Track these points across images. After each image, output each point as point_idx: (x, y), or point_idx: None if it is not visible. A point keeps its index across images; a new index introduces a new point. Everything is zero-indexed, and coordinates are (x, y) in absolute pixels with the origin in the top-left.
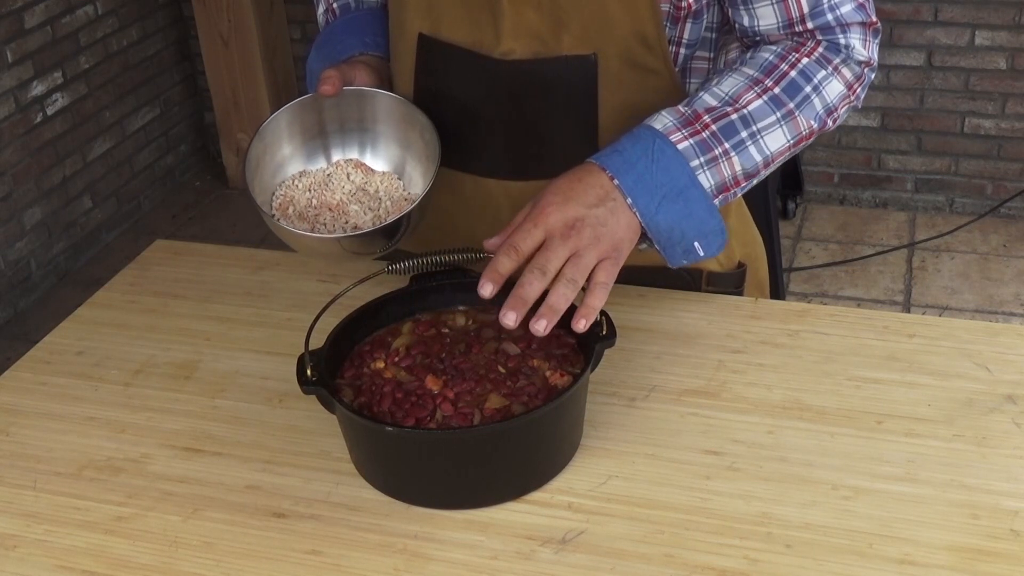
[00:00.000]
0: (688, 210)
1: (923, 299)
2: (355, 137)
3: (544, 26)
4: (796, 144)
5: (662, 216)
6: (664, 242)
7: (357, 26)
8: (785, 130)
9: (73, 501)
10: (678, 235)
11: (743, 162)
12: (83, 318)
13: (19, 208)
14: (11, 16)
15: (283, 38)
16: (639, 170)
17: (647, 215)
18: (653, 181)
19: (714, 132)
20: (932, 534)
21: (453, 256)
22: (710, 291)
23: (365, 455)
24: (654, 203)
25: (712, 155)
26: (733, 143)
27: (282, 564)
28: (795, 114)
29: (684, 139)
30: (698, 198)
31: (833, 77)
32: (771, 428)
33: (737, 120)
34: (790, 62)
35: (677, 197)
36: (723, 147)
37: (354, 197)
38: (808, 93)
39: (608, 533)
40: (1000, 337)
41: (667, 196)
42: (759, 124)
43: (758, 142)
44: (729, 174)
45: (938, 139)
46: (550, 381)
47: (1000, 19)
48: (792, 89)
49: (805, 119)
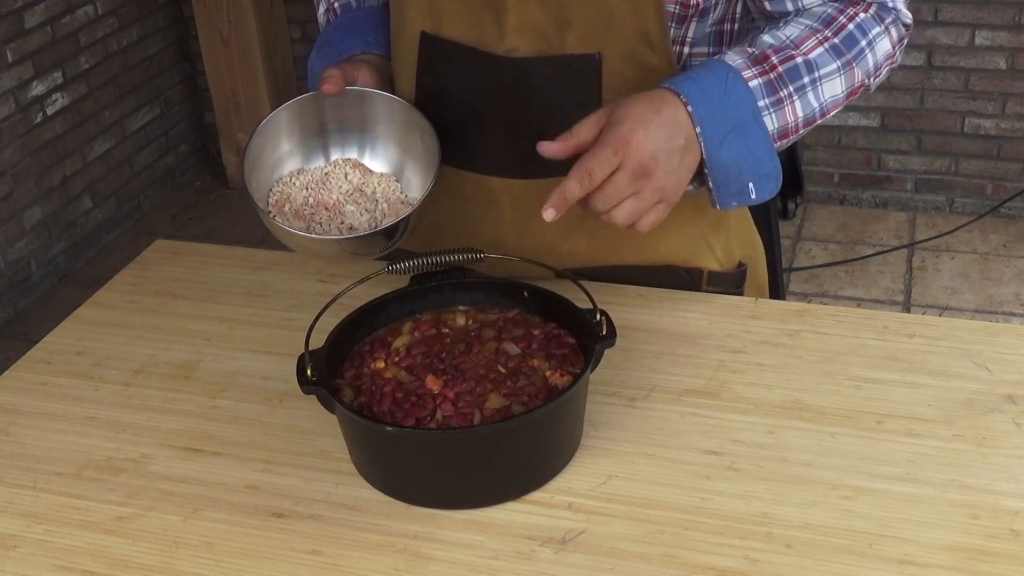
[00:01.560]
0: (748, 147)
1: (923, 299)
2: (355, 138)
3: (548, 24)
4: (849, 95)
5: (725, 150)
6: (720, 179)
7: (359, 25)
8: (843, 79)
9: (73, 501)
10: (735, 172)
11: (803, 107)
12: (83, 318)
13: (19, 208)
14: (11, 16)
15: (283, 38)
16: (712, 100)
17: (712, 147)
18: (724, 113)
19: (780, 74)
20: (932, 534)
21: (453, 256)
22: (711, 291)
23: (365, 455)
24: (719, 135)
25: (778, 97)
26: (796, 87)
27: (282, 564)
28: (853, 65)
29: (755, 76)
30: (760, 137)
31: (884, 35)
32: (771, 428)
33: (801, 64)
34: (848, 15)
35: (743, 133)
36: (788, 90)
37: (351, 197)
38: (863, 47)
39: (608, 533)
40: (1000, 337)
41: (733, 130)
42: (821, 71)
43: (817, 89)
44: (792, 118)
45: (938, 139)
46: (550, 381)
47: (1000, 19)
48: (850, 41)
49: (861, 71)
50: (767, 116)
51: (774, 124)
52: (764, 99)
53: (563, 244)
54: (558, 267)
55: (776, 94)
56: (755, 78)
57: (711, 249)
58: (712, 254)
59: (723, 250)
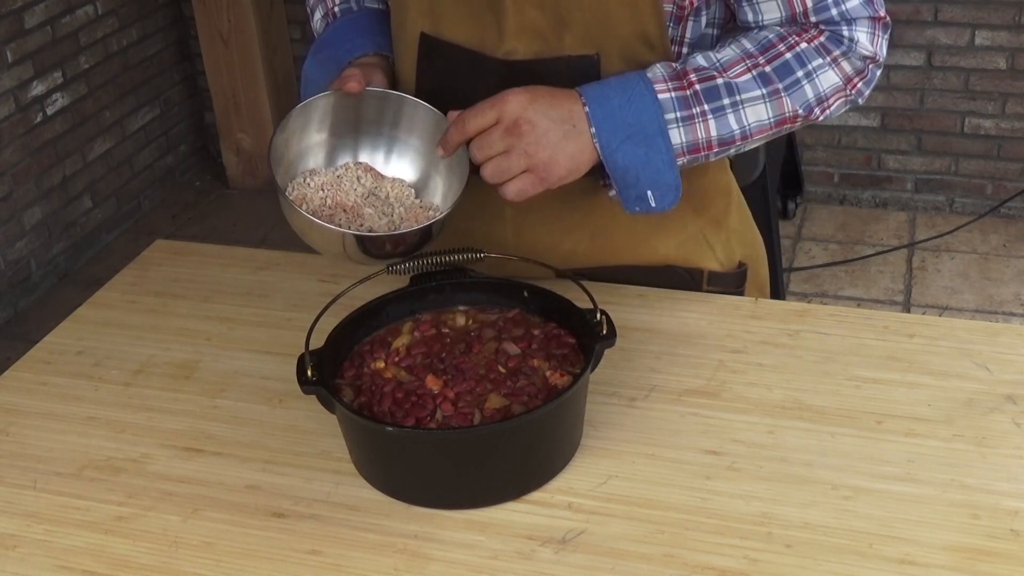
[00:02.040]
0: (648, 157)
1: (923, 299)
2: (384, 142)
3: (547, 25)
4: (778, 125)
5: (621, 155)
6: (620, 182)
7: (364, 26)
8: (768, 107)
9: (73, 501)
10: (632, 178)
11: (719, 128)
12: (83, 318)
13: (19, 208)
14: (11, 16)
15: (283, 38)
16: (612, 105)
17: (607, 149)
18: (622, 119)
19: (697, 92)
20: (932, 534)
21: (453, 256)
22: (711, 291)
23: (365, 455)
24: (616, 140)
25: (689, 113)
26: (713, 107)
27: (282, 564)
28: (781, 95)
29: (667, 91)
30: (661, 149)
31: (830, 68)
32: (771, 428)
33: (722, 85)
34: (788, 44)
35: (641, 142)
36: (702, 108)
37: (367, 200)
38: (799, 78)
39: (608, 533)
40: (1000, 337)
41: (631, 137)
42: (743, 95)
43: (739, 112)
44: (703, 136)
45: (938, 139)
46: (550, 381)
47: (1000, 19)
48: (783, 70)
49: (791, 102)
50: (675, 129)
51: (682, 138)
52: (675, 112)
53: (563, 244)
54: (558, 267)
55: (688, 110)
56: (668, 92)
57: (711, 249)
58: (712, 254)
59: (723, 250)
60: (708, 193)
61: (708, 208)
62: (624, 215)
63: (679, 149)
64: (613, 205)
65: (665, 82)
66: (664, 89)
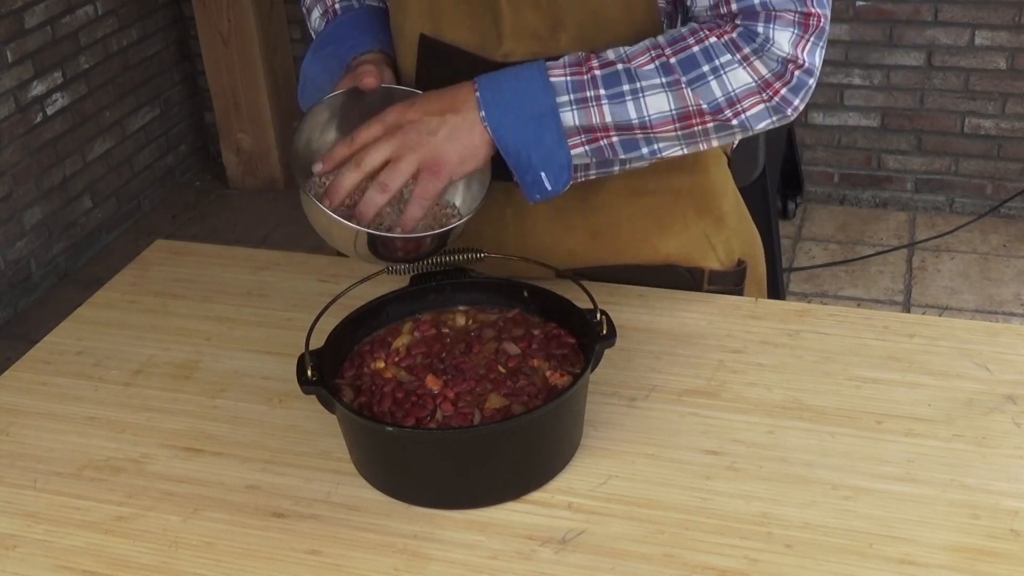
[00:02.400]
0: (538, 137)
1: (923, 299)
2: None
3: (543, 26)
4: (683, 120)
5: (511, 136)
6: (515, 167)
7: (367, 23)
8: (670, 98)
9: (73, 501)
10: (525, 160)
11: (615, 113)
12: (83, 318)
13: (19, 208)
14: (11, 16)
15: (283, 38)
16: (502, 87)
17: (498, 131)
18: (512, 101)
19: (595, 77)
20: (932, 534)
21: (453, 256)
22: (712, 290)
23: (365, 455)
24: (507, 120)
25: (583, 96)
26: (611, 93)
27: (282, 564)
28: (682, 86)
29: (562, 75)
30: (551, 128)
31: (740, 66)
32: (771, 428)
33: (622, 71)
34: (698, 38)
35: (530, 121)
36: (597, 92)
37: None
38: (704, 72)
39: (608, 533)
40: (1000, 337)
41: (520, 117)
42: (643, 83)
43: (638, 100)
44: (598, 120)
45: (938, 139)
46: (550, 381)
47: (1000, 19)
48: (688, 63)
49: (694, 96)
50: (567, 111)
51: (575, 121)
52: (568, 95)
53: (564, 243)
54: (559, 267)
55: (582, 92)
56: (563, 76)
57: (713, 248)
58: (714, 253)
59: (724, 249)
60: (710, 192)
61: (711, 208)
62: (623, 213)
63: (573, 131)
64: (613, 204)
65: (563, 67)
66: (560, 73)
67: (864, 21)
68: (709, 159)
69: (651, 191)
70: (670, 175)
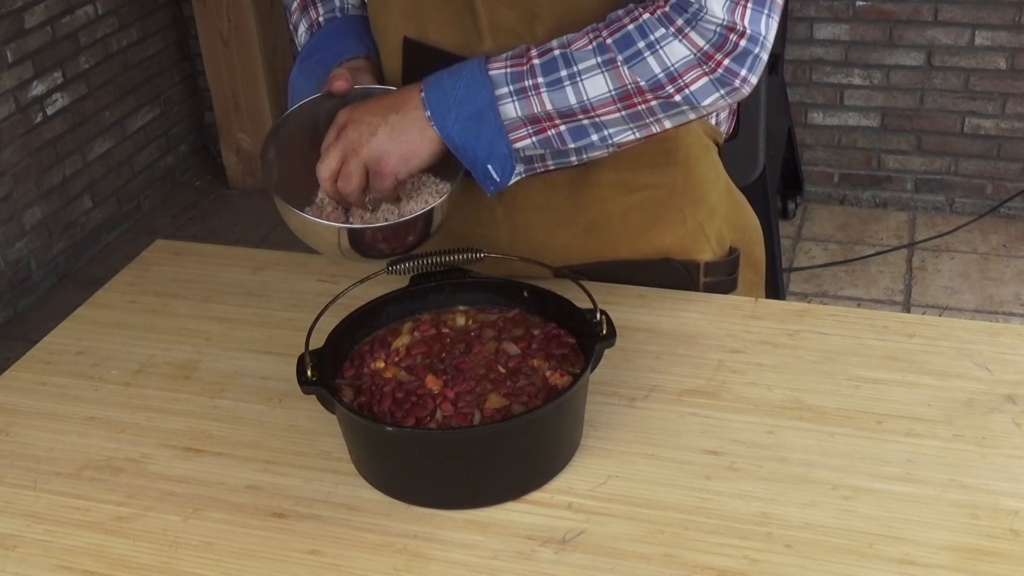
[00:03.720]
0: (479, 130)
1: (923, 299)
2: None
3: (519, 22)
4: (623, 99)
5: (456, 132)
6: (465, 159)
7: (352, 30)
8: (607, 79)
9: (73, 501)
10: (471, 155)
11: (555, 100)
12: (83, 318)
13: (19, 208)
14: (11, 16)
15: (283, 38)
16: (444, 85)
17: (443, 128)
18: (453, 97)
19: (533, 66)
20: (932, 534)
21: (453, 256)
22: (707, 282)
23: (365, 455)
24: (450, 117)
25: (522, 86)
26: (549, 80)
27: (282, 564)
28: (618, 65)
29: (501, 68)
30: (491, 121)
31: (675, 39)
32: (771, 428)
33: (559, 57)
34: (632, 16)
35: (472, 116)
36: (535, 81)
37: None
38: (640, 49)
39: (608, 533)
40: (1000, 337)
41: (462, 113)
42: (580, 66)
43: (576, 84)
44: (540, 109)
45: (938, 139)
46: (550, 381)
47: (1000, 19)
48: (624, 41)
49: (632, 75)
50: (508, 103)
51: (518, 112)
52: (507, 86)
53: (557, 239)
54: (555, 264)
55: (521, 82)
56: (500, 68)
57: (707, 239)
58: (708, 244)
59: (716, 238)
60: (702, 184)
61: (706, 199)
62: (615, 208)
63: (517, 123)
64: (605, 199)
65: (503, 60)
66: (499, 66)
67: (864, 21)
68: (697, 150)
69: (643, 185)
70: (660, 169)
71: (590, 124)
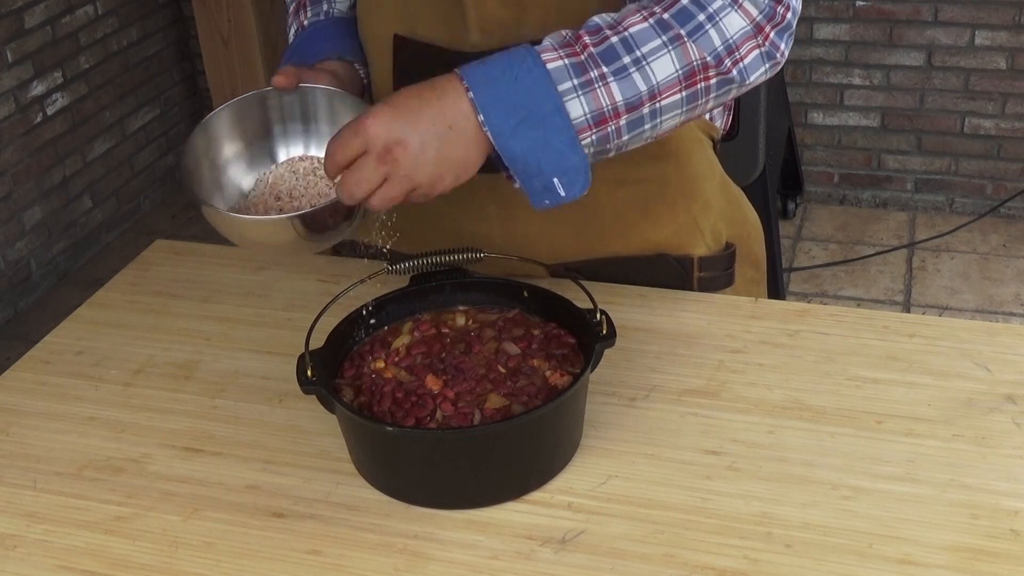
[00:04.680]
0: (546, 139)
1: (923, 299)
2: (299, 136)
3: (506, 15)
4: (689, 78)
5: (516, 141)
6: (521, 173)
7: (332, 32)
8: (674, 57)
9: (73, 501)
10: (534, 167)
11: (623, 90)
12: (83, 318)
13: (19, 208)
14: (11, 16)
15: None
16: (499, 86)
17: (500, 137)
18: (513, 100)
19: (592, 55)
20: (932, 534)
21: (453, 256)
22: (702, 277)
23: (365, 455)
24: (509, 125)
25: (587, 78)
26: (614, 68)
27: (282, 564)
28: (684, 40)
29: (559, 58)
30: (560, 128)
31: (732, 9)
32: (771, 428)
33: (618, 43)
34: None
35: (537, 123)
36: (600, 71)
37: (310, 181)
38: (702, 22)
39: (608, 533)
40: (1000, 337)
41: (526, 120)
42: (644, 48)
43: (643, 68)
44: (607, 102)
45: (938, 139)
46: (550, 381)
47: (1000, 19)
48: (683, 15)
49: (698, 49)
50: (574, 100)
51: (584, 108)
52: (572, 80)
53: (550, 235)
54: (549, 260)
55: (586, 74)
56: (558, 60)
57: (701, 234)
58: (702, 238)
59: (711, 233)
60: (695, 178)
61: (697, 194)
62: (608, 202)
63: (583, 123)
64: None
65: (555, 50)
66: (555, 57)
67: (864, 21)
68: (689, 143)
69: (635, 180)
70: (653, 163)
71: (649, 112)
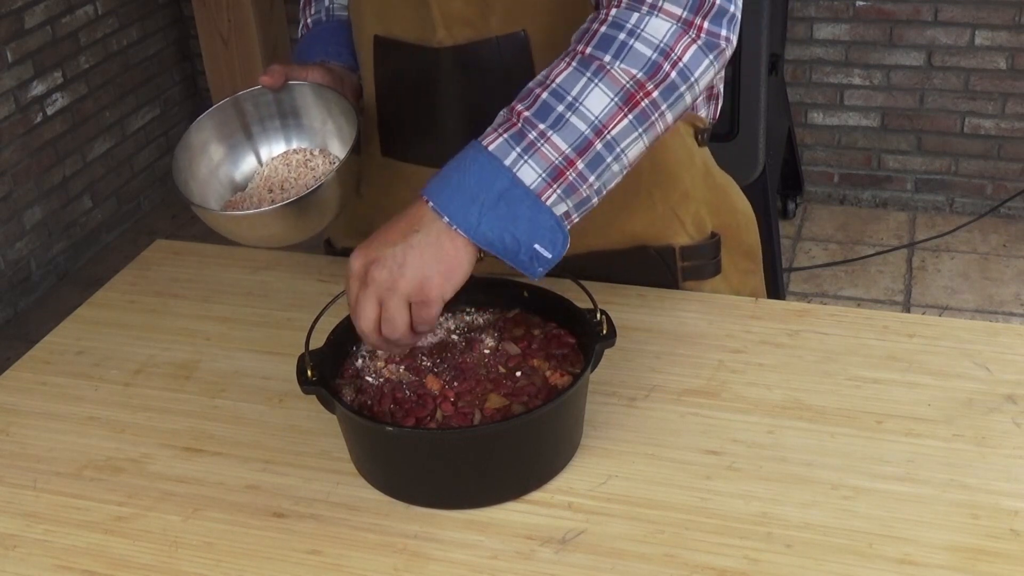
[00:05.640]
0: (513, 213)
1: (923, 299)
2: (279, 133)
3: (472, 12)
4: (629, 101)
5: (486, 227)
6: (505, 254)
7: (326, 36)
8: (603, 88)
9: (73, 501)
10: (511, 243)
11: (565, 138)
12: (83, 318)
13: (19, 208)
14: (11, 16)
15: (283, 38)
16: (452, 185)
17: (471, 230)
18: (469, 192)
19: (527, 118)
20: (932, 534)
21: None
22: (686, 267)
23: (365, 455)
24: (474, 215)
25: (528, 141)
26: (551, 121)
27: (282, 564)
28: (608, 68)
29: (498, 137)
30: (521, 197)
31: (652, 15)
32: (771, 428)
33: (548, 97)
34: (600, 19)
35: (497, 202)
36: (538, 129)
37: (301, 172)
38: (624, 40)
39: (608, 533)
40: (1000, 337)
41: (485, 203)
42: (573, 92)
43: (578, 110)
44: (555, 155)
45: (938, 139)
46: (550, 381)
47: (1000, 19)
48: (603, 43)
49: (625, 69)
50: (524, 166)
51: (537, 171)
52: (515, 150)
53: None
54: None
55: (525, 138)
56: (498, 138)
57: (681, 223)
58: (682, 228)
59: (693, 222)
60: (675, 167)
61: (677, 183)
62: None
63: (541, 184)
64: None
65: (495, 131)
66: (495, 137)
67: (864, 21)
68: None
69: None
70: None
71: (604, 147)
